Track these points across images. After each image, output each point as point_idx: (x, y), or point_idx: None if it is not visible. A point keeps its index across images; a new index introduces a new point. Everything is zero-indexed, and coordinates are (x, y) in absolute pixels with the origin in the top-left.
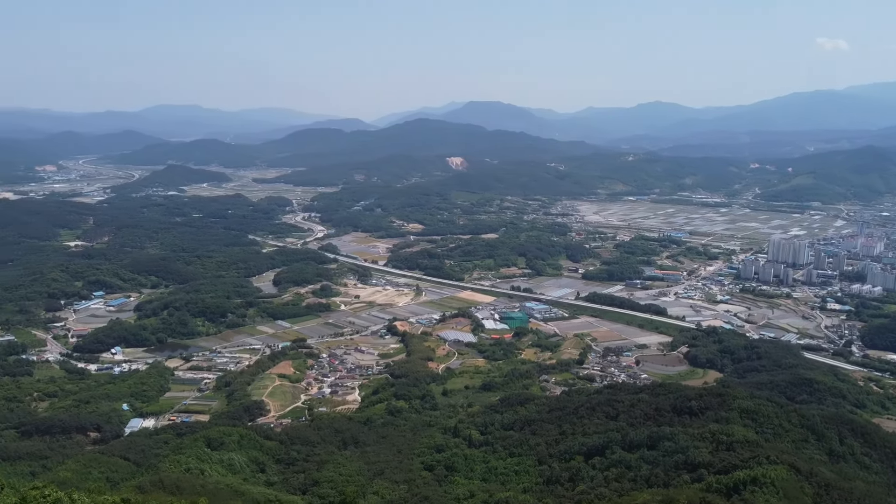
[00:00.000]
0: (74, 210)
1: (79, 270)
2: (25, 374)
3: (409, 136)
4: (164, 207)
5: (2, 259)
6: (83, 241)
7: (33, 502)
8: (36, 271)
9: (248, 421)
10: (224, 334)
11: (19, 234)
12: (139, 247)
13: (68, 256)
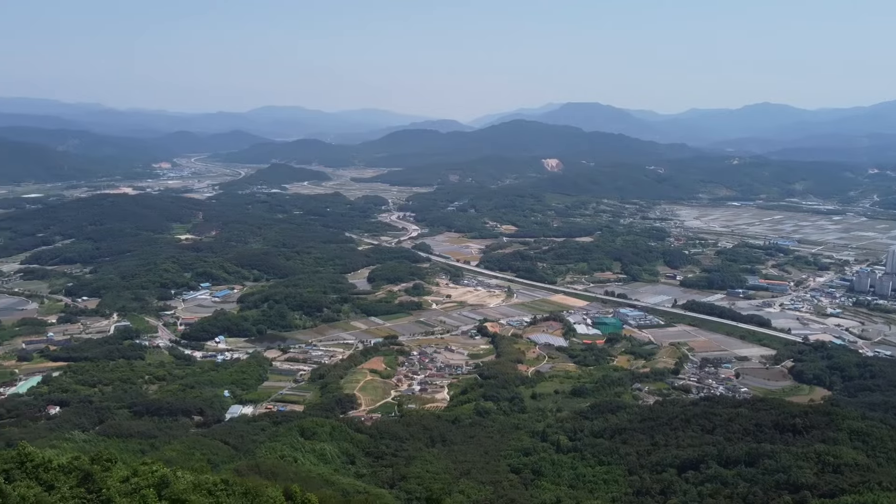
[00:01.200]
0: (186, 205)
1: (188, 262)
2: (138, 357)
3: (505, 137)
4: (267, 204)
5: (121, 250)
6: (193, 235)
7: (143, 476)
8: (150, 262)
9: (339, 413)
10: (319, 328)
11: (136, 226)
12: (243, 241)
13: (179, 249)
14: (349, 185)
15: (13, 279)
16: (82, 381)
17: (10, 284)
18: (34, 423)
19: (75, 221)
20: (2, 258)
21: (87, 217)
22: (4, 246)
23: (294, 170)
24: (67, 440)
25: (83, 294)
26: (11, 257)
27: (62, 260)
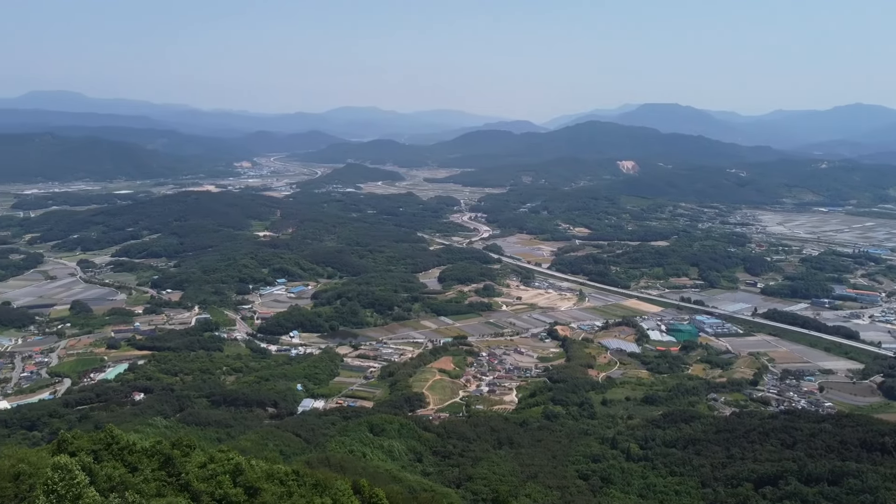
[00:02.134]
0: (265, 203)
1: (265, 258)
2: (217, 349)
3: (579, 138)
4: (342, 203)
5: (203, 245)
6: (271, 232)
7: (219, 463)
8: (230, 257)
9: (408, 411)
10: (390, 326)
11: (218, 223)
12: (318, 239)
13: (257, 245)
14: (422, 186)
15: (104, 271)
16: (165, 369)
17: (102, 276)
18: (120, 408)
19: (162, 217)
20: (95, 251)
21: (172, 213)
22: (97, 239)
23: (368, 169)
24: (150, 425)
25: (167, 287)
26: (103, 250)
27: (149, 253)
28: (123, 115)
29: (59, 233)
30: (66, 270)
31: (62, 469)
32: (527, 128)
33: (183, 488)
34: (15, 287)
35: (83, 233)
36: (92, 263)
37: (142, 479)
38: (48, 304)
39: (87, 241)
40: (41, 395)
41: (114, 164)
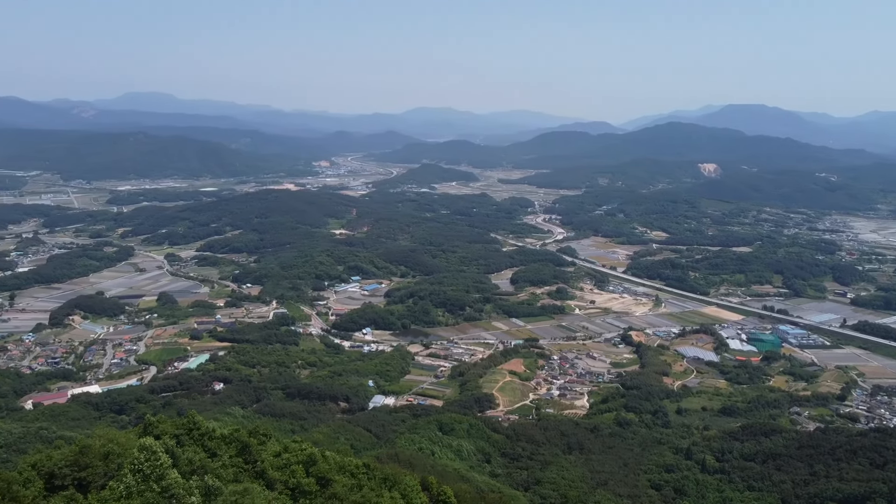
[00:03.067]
0: (341, 202)
1: (341, 256)
2: (293, 343)
3: (659, 140)
4: (416, 203)
5: (282, 242)
6: (346, 230)
7: (293, 453)
8: (307, 254)
9: (477, 411)
10: (461, 326)
11: (296, 220)
12: (392, 238)
13: (333, 243)
14: (496, 187)
15: (189, 265)
16: (243, 361)
17: (187, 269)
18: (201, 396)
19: (243, 214)
20: (181, 245)
21: (253, 210)
22: (184, 234)
23: (443, 170)
24: (228, 414)
25: (247, 281)
26: (189, 245)
27: (231, 249)
28: (210, 115)
29: (149, 227)
30: (154, 263)
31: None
32: (604, 129)
33: (258, 475)
34: (108, 278)
35: (171, 228)
36: (178, 257)
37: (220, 464)
38: (137, 294)
39: (174, 236)
40: (129, 381)
41: (200, 163)
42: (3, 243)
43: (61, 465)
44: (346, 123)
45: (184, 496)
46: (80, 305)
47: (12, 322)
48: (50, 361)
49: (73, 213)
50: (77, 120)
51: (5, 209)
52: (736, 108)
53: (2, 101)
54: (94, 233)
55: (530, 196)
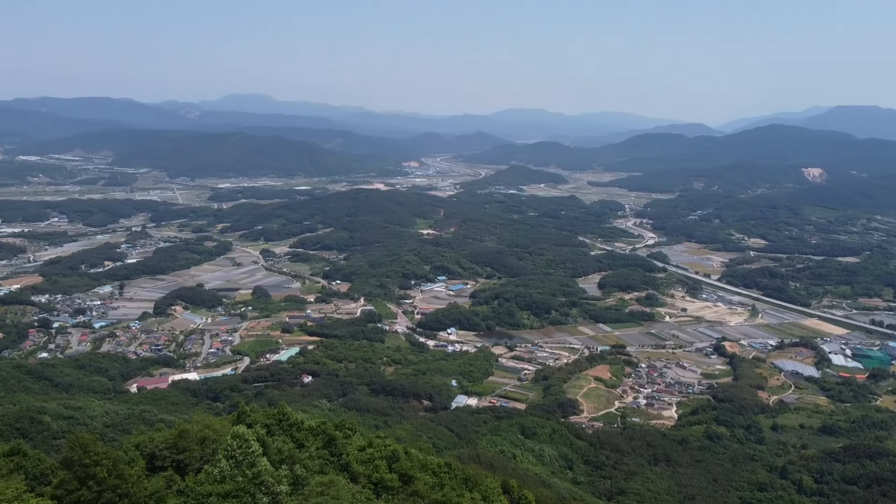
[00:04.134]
0: (429, 202)
1: (428, 256)
2: (379, 340)
3: (759, 143)
4: (503, 205)
5: (371, 240)
6: (434, 230)
7: (377, 449)
8: (395, 253)
9: (560, 417)
10: (546, 329)
11: (385, 220)
12: (479, 239)
13: (421, 242)
14: (585, 189)
15: (283, 260)
16: (331, 356)
17: (280, 265)
18: (290, 388)
19: (335, 212)
20: (275, 241)
21: (344, 209)
22: (278, 231)
23: (532, 171)
24: (315, 407)
25: (337, 278)
26: (283, 241)
27: (322, 246)
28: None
29: (246, 224)
30: (250, 258)
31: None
32: (700, 131)
33: (343, 468)
34: (207, 271)
35: (266, 224)
36: (272, 253)
37: (307, 455)
38: (234, 288)
39: (269, 233)
40: (224, 371)
41: (295, 162)
42: (114, 236)
43: (162, 447)
44: (436, 125)
45: (273, 484)
46: (181, 296)
47: (121, 310)
48: (153, 348)
49: (178, 209)
50: (183, 120)
51: (117, 204)
52: (846, 110)
53: (117, 103)
54: (195, 228)
55: (621, 199)
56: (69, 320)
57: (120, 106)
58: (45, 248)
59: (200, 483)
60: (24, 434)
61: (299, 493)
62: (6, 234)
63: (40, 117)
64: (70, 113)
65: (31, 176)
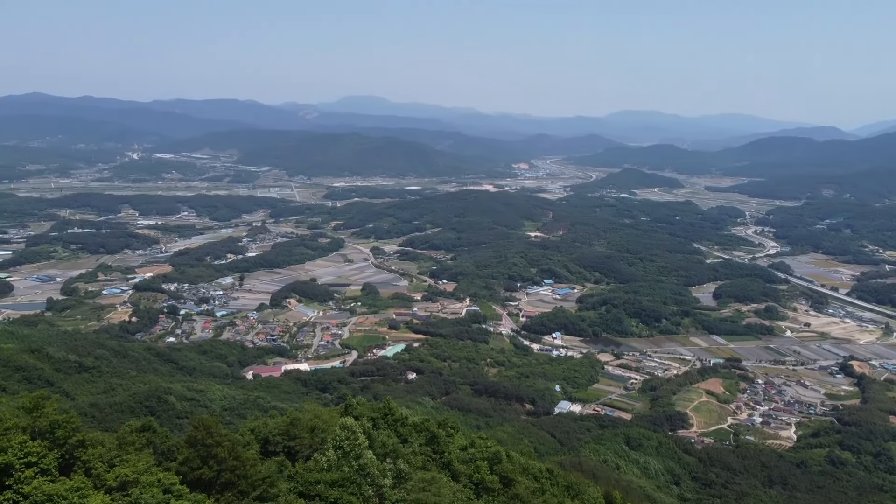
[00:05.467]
0: (538, 204)
1: (535, 258)
2: (483, 341)
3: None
4: (614, 209)
5: (478, 241)
6: (541, 233)
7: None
8: (502, 255)
9: (668, 430)
10: (655, 339)
11: (493, 221)
12: (588, 243)
13: (528, 245)
14: (702, 194)
15: (391, 258)
16: (435, 354)
17: (389, 263)
18: (395, 384)
19: (443, 213)
20: (385, 240)
21: (453, 209)
22: (388, 230)
23: (645, 175)
24: (419, 404)
25: (444, 277)
26: (393, 239)
27: (430, 246)
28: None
29: (358, 222)
30: (361, 255)
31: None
32: (831, 134)
33: (445, 466)
34: (321, 266)
35: (377, 223)
36: (382, 251)
37: (410, 451)
38: (345, 283)
39: (379, 231)
40: (333, 363)
41: (406, 162)
42: (237, 230)
43: (275, 433)
44: (547, 126)
45: (377, 476)
46: (296, 290)
47: (240, 300)
48: (269, 338)
49: (295, 206)
50: (302, 122)
51: (241, 200)
52: None
53: (243, 105)
54: (311, 224)
55: (740, 206)
56: (194, 308)
57: (245, 107)
58: (176, 240)
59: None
60: (151, 411)
61: (402, 487)
62: (142, 226)
63: (174, 118)
64: (201, 114)
65: (166, 172)
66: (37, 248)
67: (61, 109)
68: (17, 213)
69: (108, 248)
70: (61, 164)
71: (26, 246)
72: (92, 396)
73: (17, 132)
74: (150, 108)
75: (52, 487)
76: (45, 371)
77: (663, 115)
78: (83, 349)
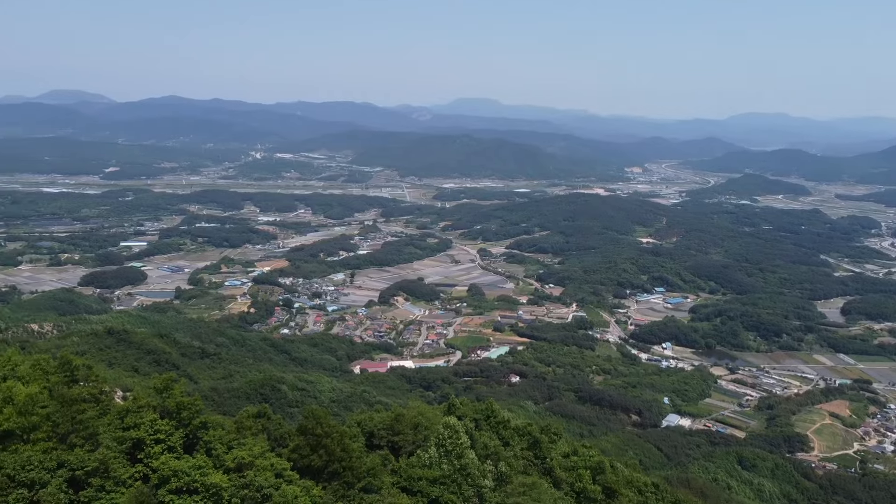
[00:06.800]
0: (651, 209)
1: (646, 265)
2: (589, 348)
3: None
4: (733, 216)
5: (587, 245)
6: (653, 239)
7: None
8: (611, 260)
9: (785, 452)
10: (774, 354)
11: (603, 225)
12: (703, 251)
13: (639, 251)
14: (832, 203)
15: (498, 260)
16: (540, 358)
17: (495, 265)
18: (498, 386)
19: (552, 216)
20: (492, 241)
21: (562, 213)
22: (496, 231)
23: (768, 181)
24: (521, 407)
25: (550, 281)
26: (500, 241)
27: (537, 249)
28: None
29: (466, 223)
30: (467, 256)
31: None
32: None
33: (546, 472)
34: (428, 266)
35: (485, 225)
36: (489, 252)
37: (512, 454)
38: (451, 284)
39: (487, 233)
40: (437, 362)
41: (516, 165)
42: (349, 228)
43: (380, 427)
44: (663, 129)
45: (478, 477)
46: (403, 288)
47: (351, 296)
48: (376, 334)
49: (405, 206)
50: (415, 123)
51: (354, 199)
52: None
53: (359, 107)
54: (420, 224)
55: (876, 215)
56: (307, 302)
57: (361, 109)
58: (292, 236)
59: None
60: (265, 399)
61: (502, 489)
62: (262, 223)
63: (295, 120)
64: (319, 116)
65: (285, 171)
66: (168, 241)
67: (193, 111)
68: (153, 208)
69: (231, 242)
70: (192, 163)
71: (159, 238)
72: (212, 381)
73: (155, 132)
74: (273, 111)
75: (178, 464)
76: (172, 355)
77: (791, 118)
78: (206, 336)
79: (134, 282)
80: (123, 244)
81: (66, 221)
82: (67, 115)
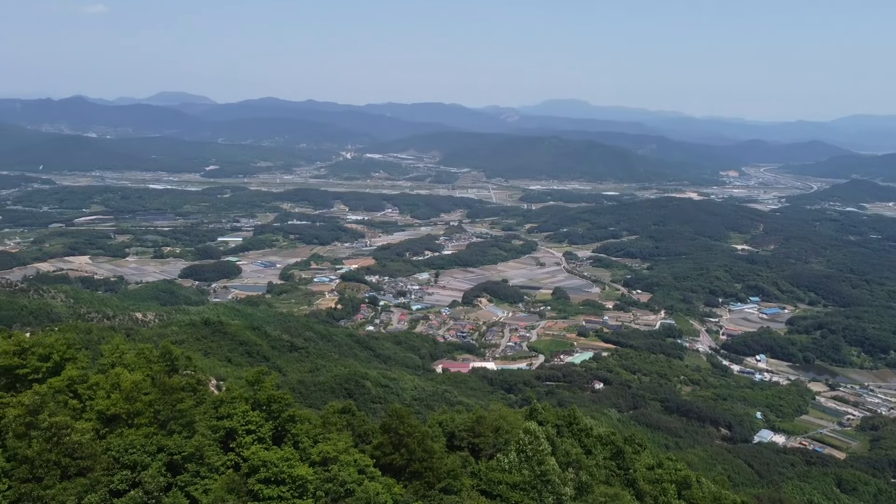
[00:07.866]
0: (747, 215)
1: (740, 273)
2: (676, 357)
3: None
4: (837, 223)
5: (677, 251)
6: (749, 246)
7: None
8: (703, 267)
9: (890, 477)
10: (881, 372)
11: (695, 231)
12: (803, 260)
13: (733, 258)
14: None
15: (584, 264)
16: (625, 366)
17: (581, 268)
18: (581, 392)
19: (641, 220)
20: (579, 245)
21: (651, 217)
22: (582, 234)
23: (878, 187)
24: (604, 415)
25: (638, 287)
26: (586, 245)
27: (625, 253)
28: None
29: (552, 225)
30: (553, 259)
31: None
32: None
33: (629, 484)
34: (512, 268)
35: (571, 227)
36: (575, 256)
37: (594, 463)
38: (535, 286)
39: (573, 236)
40: (520, 364)
41: (605, 167)
42: (435, 228)
43: (461, 429)
44: (762, 131)
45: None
46: (487, 289)
47: (435, 296)
48: (459, 334)
49: (490, 207)
50: (503, 125)
51: (440, 200)
52: None
53: (447, 108)
54: (505, 226)
55: None
56: (392, 300)
57: (449, 111)
58: (379, 235)
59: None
60: (350, 394)
61: (583, 499)
62: (351, 221)
63: (384, 121)
64: (408, 117)
65: (374, 171)
66: (262, 237)
67: (288, 112)
68: (248, 205)
69: (321, 239)
70: (286, 162)
71: (254, 234)
72: (300, 374)
73: (253, 132)
74: (364, 112)
75: (267, 455)
76: (263, 347)
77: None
78: (295, 330)
79: (229, 275)
80: (221, 239)
81: (170, 216)
82: (173, 116)
